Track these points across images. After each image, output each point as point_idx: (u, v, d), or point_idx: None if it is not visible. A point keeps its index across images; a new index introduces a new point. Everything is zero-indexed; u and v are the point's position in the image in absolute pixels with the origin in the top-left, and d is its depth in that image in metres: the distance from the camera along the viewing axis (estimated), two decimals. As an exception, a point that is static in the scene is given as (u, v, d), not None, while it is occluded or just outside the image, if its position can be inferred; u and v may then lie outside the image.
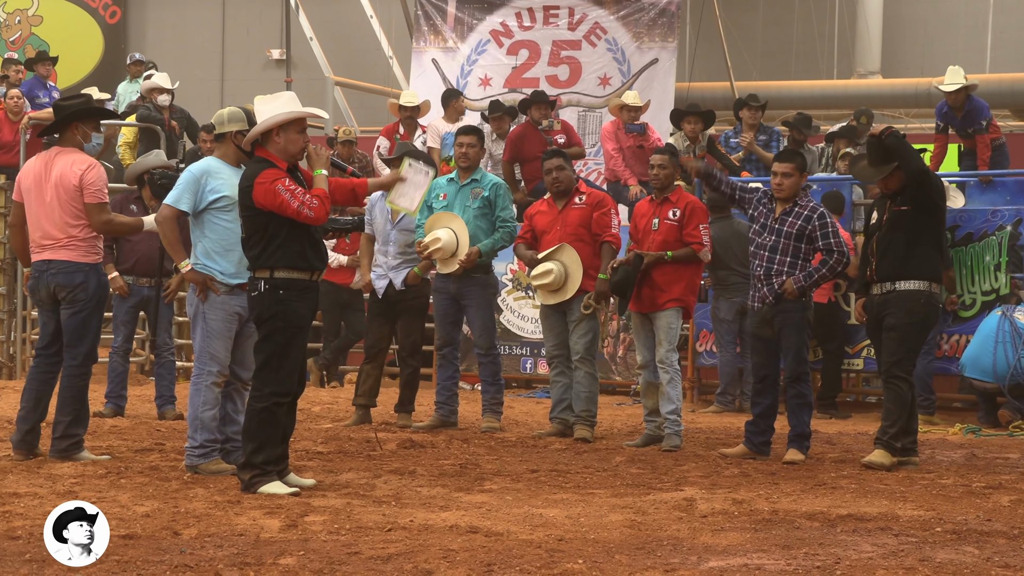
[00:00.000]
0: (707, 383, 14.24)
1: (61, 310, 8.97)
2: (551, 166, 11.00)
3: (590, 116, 18.07)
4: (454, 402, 11.37)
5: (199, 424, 8.49)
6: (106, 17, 25.81)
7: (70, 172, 8.87)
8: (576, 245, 10.81)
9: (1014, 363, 11.92)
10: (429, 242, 11.00)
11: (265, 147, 7.90)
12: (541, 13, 18.50)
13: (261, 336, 7.92)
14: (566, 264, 10.85)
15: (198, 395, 8.49)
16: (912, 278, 9.33)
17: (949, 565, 6.07)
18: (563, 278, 10.85)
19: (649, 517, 7.21)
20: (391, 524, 6.88)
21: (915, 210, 9.33)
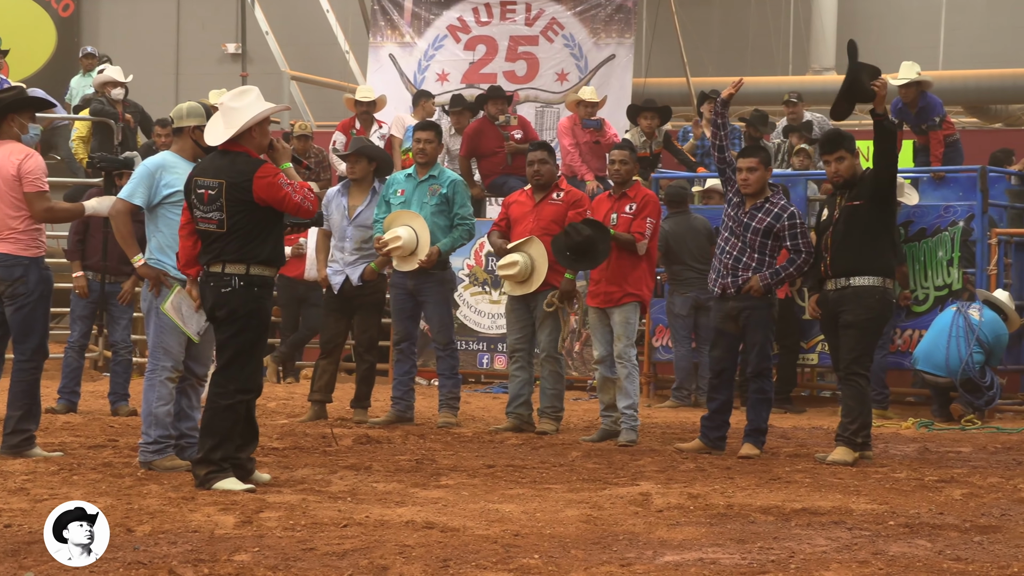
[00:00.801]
0: (663, 378, 14.28)
1: (4, 306, 8.90)
2: (534, 158, 11.00)
3: (547, 112, 18.09)
4: (410, 397, 11.37)
5: (153, 420, 8.45)
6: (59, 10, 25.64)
7: (7, 163, 8.80)
8: (547, 240, 10.82)
9: (966, 358, 12.00)
10: (388, 239, 10.98)
11: (240, 142, 7.88)
12: (498, 8, 18.50)
13: (230, 332, 7.87)
14: (533, 257, 10.86)
15: (152, 391, 8.45)
16: (867, 274, 9.37)
17: (902, 558, 6.11)
18: (528, 270, 10.87)
19: (605, 512, 7.22)
20: (347, 520, 6.86)
21: (869, 205, 9.37)
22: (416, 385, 11.77)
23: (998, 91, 21.02)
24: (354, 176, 11.43)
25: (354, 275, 11.28)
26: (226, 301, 7.84)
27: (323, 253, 11.51)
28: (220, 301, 7.86)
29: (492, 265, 14.72)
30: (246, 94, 7.97)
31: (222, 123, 7.90)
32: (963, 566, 5.97)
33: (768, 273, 9.72)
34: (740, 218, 9.81)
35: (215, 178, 7.85)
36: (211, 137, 7.94)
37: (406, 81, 18.61)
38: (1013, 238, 13.24)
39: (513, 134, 15.34)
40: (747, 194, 9.83)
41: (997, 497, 7.87)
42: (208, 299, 7.95)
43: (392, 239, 10.97)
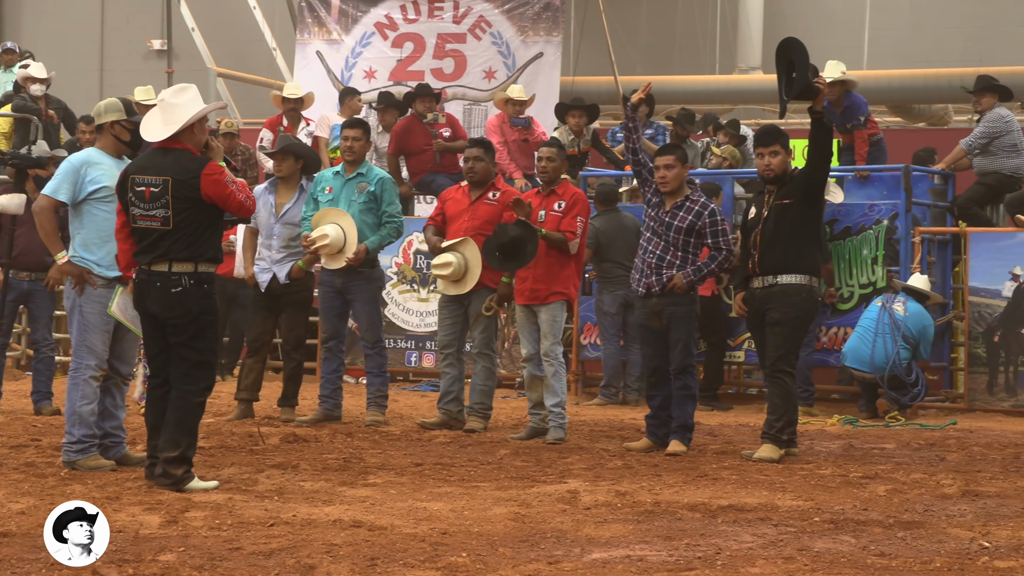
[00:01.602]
0: (591, 376, 14.32)
1: None
2: (469, 155, 10.99)
3: (475, 109, 18.08)
4: (338, 396, 11.33)
5: (77, 419, 8.37)
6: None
7: None
8: (480, 240, 10.81)
9: (892, 355, 12.12)
10: (316, 237, 10.94)
11: (180, 139, 7.83)
12: (426, 6, 18.47)
13: (192, 332, 7.80)
14: (467, 257, 10.86)
15: (76, 390, 8.38)
16: (794, 272, 9.44)
17: (827, 554, 6.17)
18: (462, 271, 10.87)
19: (533, 510, 7.24)
20: (274, 519, 6.83)
21: (799, 204, 9.43)
22: (344, 383, 11.74)
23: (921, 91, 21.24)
24: (281, 174, 11.38)
25: (281, 273, 11.23)
26: (179, 301, 7.78)
27: (250, 251, 11.44)
28: (172, 302, 7.78)
29: (420, 263, 14.70)
30: (185, 91, 7.93)
31: (161, 120, 7.84)
32: (887, 561, 6.04)
33: (691, 270, 9.79)
34: (661, 218, 9.87)
35: (159, 175, 7.78)
36: (151, 133, 7.86)
37: (333, 78, 18.54)
38: (936, 236, 13.39)
39: (441, 132, 15.33)
40: (666, 192, 9.89)
41: (920, 493, 7.96)
42: (154, 299, 7.82)
43: (320, 237, 10.93)
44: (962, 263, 13.17)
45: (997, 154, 13.54)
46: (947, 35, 23.02)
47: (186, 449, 7.79)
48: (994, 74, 14.54)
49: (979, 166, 13.65)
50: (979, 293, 12.84)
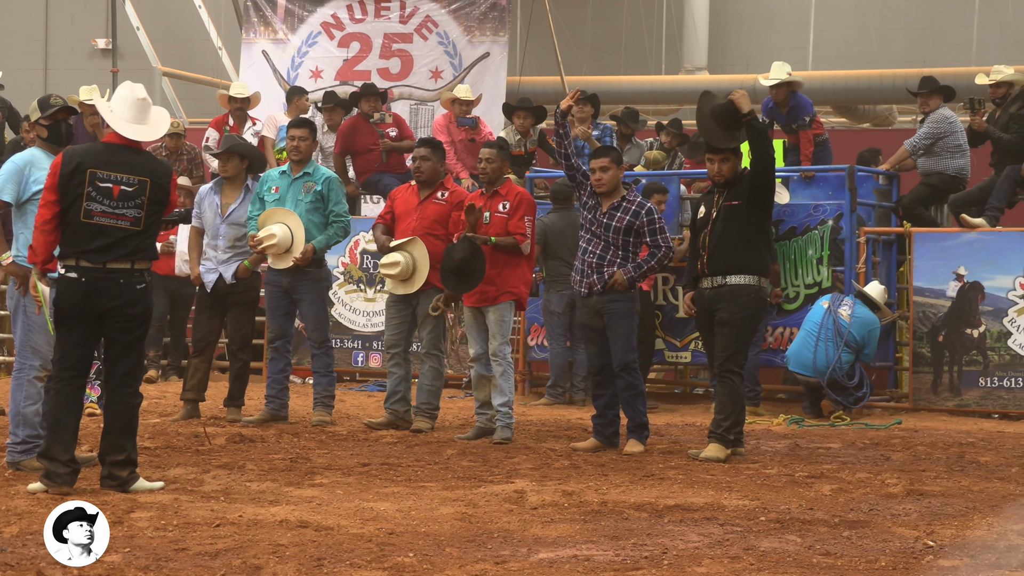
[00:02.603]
0: (538, 376, 14.33)
1: None
2: (417, 154, 10.97)
3: (422, 109, 18.06)
4: (285, 396, 11.29)
5: (21, 420, 8.32)
6: (-77, 2, 25.11)
7: None
8: (428, 240, 10.81)
9: (833, 360, 12.19)
10: (263, 237, 10.91)
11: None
12: (372, 6, 18.44)
13: (142, 332, 7.80)
14: (415, 257, 10.85)
15: (20, 390, 8.33)
16: (743, 272, 9.48)
17: (773, 554, 6.20)
18: (410, 270, 10.86)
19: (480, 510, 7.24)
20: (219, 519, 6.81)
21: (747, 204, 9.47)
22: (290, 383, 11.70)
23: (865, 91, 21.40)
24: (226, 174, 11.34)
25: (227, 273, 11.18)
26: (141, 298, 7.76)
27: (196, 251, 11.38)
28: (136, 298, 7.73)
29: (367, 263, 14.67)
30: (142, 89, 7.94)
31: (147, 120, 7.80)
32: (832, 560, 6.07)
33: (631, 267, 9.85)
34: (599, 219, 9.93)
35: (135, 175, 7.73)
36: (141, 133, 7.81)
37: (279, 78, 18.47)
38: (881, 236, 13.48)
39: (388, 131, 15.30)
40: (602, 193, 9.94)
41: (865, 492, 8.01)
42: (113, 295, 7.70)
43: (267, 236, 10.89)
44: (907, 263, 13.26)
45: (941, 155, 13.64)
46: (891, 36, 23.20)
47: (131, 451, 7.75)
48: (937, 75, 14.64)
49: (923, 166, 13.75)
50: (924, 293, 12.93)
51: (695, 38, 23.07)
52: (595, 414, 10.10)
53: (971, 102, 13.71)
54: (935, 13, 23.22)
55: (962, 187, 13.62)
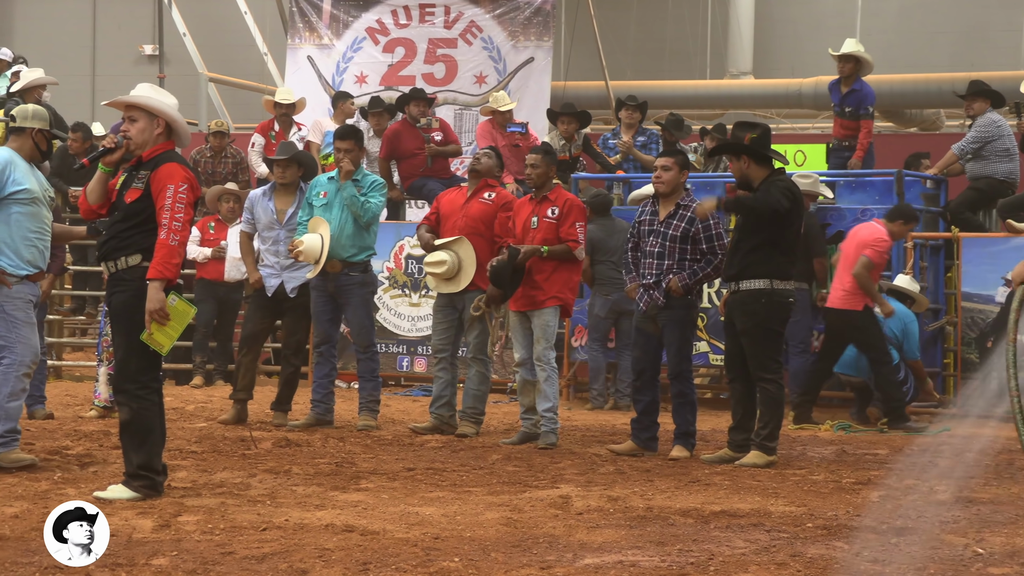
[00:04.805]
0: (583, 381, 14.30)
1: None
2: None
3: (466, 114, 18.09)
4: (330, 400, 11.32)
5: (3, 414, 8.40)
6: (-28, 10, 25.31)
7: None
8: (473, 239, 10.84)
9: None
10: (294, 243, 10.98)
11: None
12: (417, 11, 18.48)
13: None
14: (461, 257, 10.86)
15: (6, 384, 8.41)
16: (752, 277, 9.46)
17: (820, 560, 6.16)
18: (455, 269, 10.87)
19: (525, 515, 7.23)
20: (266, 523, 6.82)
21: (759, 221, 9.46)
22: (336, 388, 11.72)
23: (911, 95, 21.28)
24: (284, 181, 11.39)
25: (290, 285, 11.24)
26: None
27: (250, 255, 11.46)
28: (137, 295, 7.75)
29: (412, 268, 14.69)
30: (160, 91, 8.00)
31: None
32: (880, 568, 6.03)
33: (687, 274, 9.82)
34: (657, 229, 9.91)
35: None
36: None
37: (324, 83, 18.54)
38: (928, 241, 13.39)
39: (433, 136, 15.32)
40: (661, 194, 9.93)
41: (914, 499, 7.95)
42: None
43: (296, 243, 10.96)
44: (955, 268, 13.18)
45: (989, 159, 13.56)
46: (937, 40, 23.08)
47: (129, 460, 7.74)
48: (984, 79, 14.58)
49: (971, 171, 13.67)
50: (972, 298, 12.84)
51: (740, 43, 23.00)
52: (634, 417, 10.09)
53: (1016, 107, 13.64)
54: (981, 17, 23.07)
55: (1011, 192, 13.53)
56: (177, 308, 7.51)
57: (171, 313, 7.49)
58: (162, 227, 7.47)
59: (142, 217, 7.57)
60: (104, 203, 7.83)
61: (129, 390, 7.59)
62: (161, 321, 7.45)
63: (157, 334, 7.49)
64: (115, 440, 9.05)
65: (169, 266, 7.45)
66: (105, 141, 7.81)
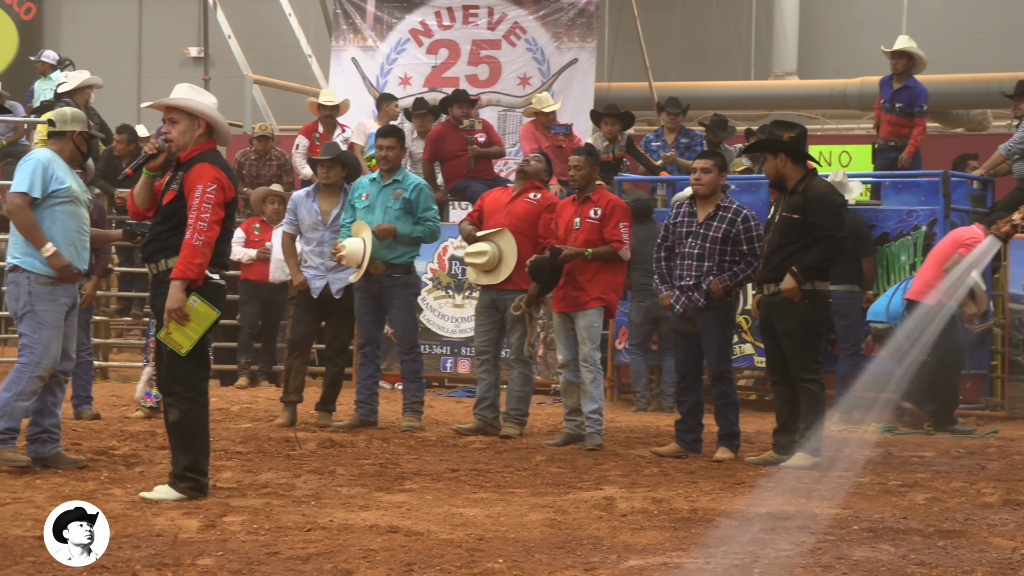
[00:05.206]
0: (627, 382, 14.28)
1: None
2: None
3: (510, 116, 18.08)
4: (374, 401, 11.34)
5: (8, 411, 8.43)
6: (21, 13, 25.48)
7: None
8: (516, 237, 10.85)
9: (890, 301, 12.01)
10: (337, 247, 10.99)
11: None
12: (460, 12, 18.48)
13: None
14: (502, 248, 10.87)
15: (18, 383, 8.45)
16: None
17: (866, 563, 6.13)
18: (496, 261, 10.88)
19: (569, 516, 7.22)
20: (310, 524, 6.84)
21: (804, 223, 9.39)
22: (380, 389, 11.74)
23: (957, 95, 21.11)
24: (328, 181, 11.42)
25: (336, 286, 11.27)
26: None
27: (293, 257, 11.49)
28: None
29: (456, 269, 14.71)
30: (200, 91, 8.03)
31: None
32: (927, 571, 6.00)
33: (727, 275, 9.79)
34: (696, 230, 9.88)
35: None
36: None
37: (368, 85, 18.57)
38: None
39: (477, 137, 15.32)
40: (700, 195, 9.90)
41: (960, 502, 7.91)
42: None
43: (339, 247, 10.97)
44: (1002, 270, 13.08)
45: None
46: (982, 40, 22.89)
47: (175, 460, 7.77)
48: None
49: (1019, 171, 13.57)
50: (1019, 300, 12.75)
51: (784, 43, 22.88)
52: (678, 419, 10.07)
53: None
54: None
55: (1059, 192, 13.42)
56: (198, 310, 7.55)
57: (192, 314, 7.51)
58: (188, 227, 7.51)
59: (178, 218, 7.61)
60: (151, 205, 7.88)
61: (178, 392, 7.63)
62: (180, 321, 7.48)
63: (175, 334, 7.53)
64: (161, 440, 9.13)
65: (191, 266, 7.47)
66: (147, 147, 7.86)
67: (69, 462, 8.63)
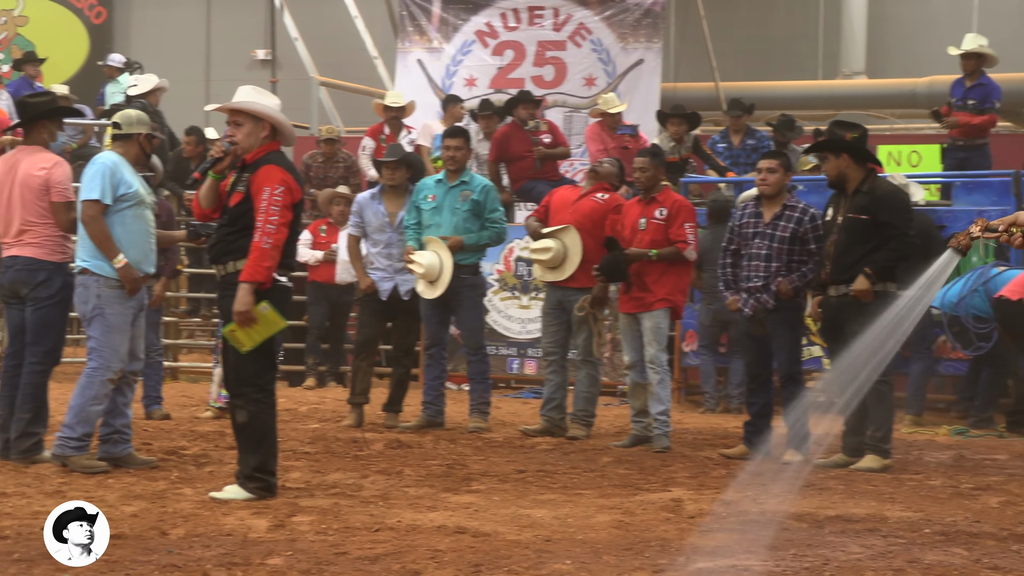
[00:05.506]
0: (693, 383, 14.23)
1: (26, 307, 8.92)
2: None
3: (575, 116, 18.05)
4: (441, 402, 11.36)
5: (83, 417, 8.50)
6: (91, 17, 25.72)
7: (35, 171, 8.85)
8: (581, 236, 10.84)
9: (965, 294, 11.86)
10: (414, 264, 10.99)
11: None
12: (526, 14, 18.47)
13: None
14: (567, 245, 10.87)
15: (90, 388, 8.51)
16: None
17: (938, 567, 6.07)
18: (561, 258, 10.88)
19: (637, 518, 7.21)
20: (379, 524, 6.87)
21: (874, 224, 9.31)
22: (446, 390, 11.76)
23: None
24: (393, 183, 11.45)
25: (404, 288, 11.30)
26: None
27: (359, 260, 11.52)
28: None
29: (522, 270, 14.71)
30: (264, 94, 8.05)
31: None
32: (1001, 575, 5.93)
33: (796, 276, 9.73)
34: (763, 231, 9.82)
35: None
36: None
37: (434, 86, 18.60)
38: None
39: (542, 139, 15.31)
40: (765, 196, 9.85)
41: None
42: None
43: (416, 265, 10.97)
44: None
45: (1110, 157, 13.32)
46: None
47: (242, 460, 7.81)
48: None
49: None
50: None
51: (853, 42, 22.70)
52: (747, 420, 10.02)
53: None
54: (1100, 13, 22.62)
55: None
56: (267, 316, 7.57)
57: (259, 318, 7.54)
58: (256, 229, 7.54)
59: (245, 220, 7.64)
60: (217, 207, 7.93)
61: (246, 393, 7.67)
62: (245, 324, 7.51)
63: (240, 332, 7.56)
64: (230, 441, 9.17)
65: (260, 269, 7.50)
66: (213, 150, 7.91)
67: (140, 462, 8.71)
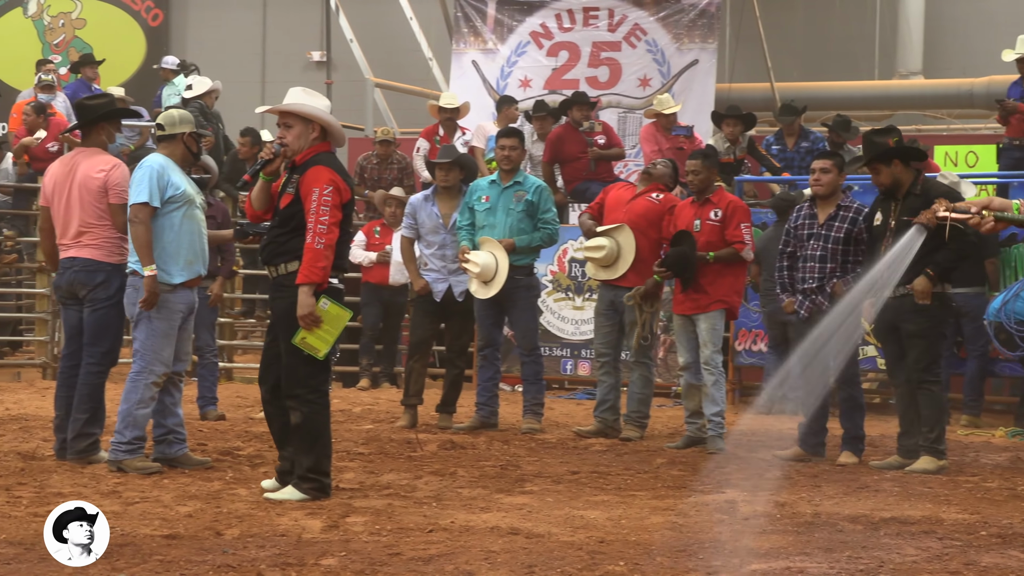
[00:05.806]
0: (747, 384, 14.18)
1: (84, 308, 9.00)
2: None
3: (630, 117, 18.02)
4: (495, 403, 11.38)
5: (131, 421, 8.55)
6: (148, 20, 25.92)
7: (94, 173, 8.91)
8: (636, 234, 10.83)
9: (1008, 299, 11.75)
10: (469, 264, 11.00)
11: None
12: (581, 14, 18.47)
13: None
14: (621, 244, 10.86)
15: (135, 392, 8.57)
16: None
17: (995, 569, 6.03)
18: (614, 256, 10.87)
19: (690, 519, 7.19)
20: (432, 525, 6.88)
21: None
22: (500, 391, 11.77)
23: (1089, 94, 20.69)
24: (447, 184, 11.46)
25: (458, 289, 11.32)
26: None
27: (412, 261, 11.53)
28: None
29: (576, 271, 14.70)
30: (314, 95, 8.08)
31: None
32: (1057, 577, 5.89)
33: (851, 277, 9.69)
34: (818, 232, 9.79)
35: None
36: None
37: (489, 87, 18.62)
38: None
39: (597, 140, 15.30)
40: (820, 196, 9.81)
41: (1091, 507, 7.75)
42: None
43: (471, 265, 10.98)
44: None
45: None
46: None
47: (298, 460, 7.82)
48: None
49: None
50: None
51: (909, 42, 22.57)
52: (802, 421, 9.98)
53: None
54: None
55: None
56: (330, 312, 7.59)
57: (324, 317, 7.56)
58: (308, 231, 7.57)
59: (296, 222, 7.68)
60: (269, 208, 7.97)
61: (300, 395, 7.70)
62: (311, 326, 7.54)
63: (311, 338, 7.58)
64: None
65: (315, 270, 7.53)
66: (263, 152, 7.94)
67: (196, 463, 8.76)
